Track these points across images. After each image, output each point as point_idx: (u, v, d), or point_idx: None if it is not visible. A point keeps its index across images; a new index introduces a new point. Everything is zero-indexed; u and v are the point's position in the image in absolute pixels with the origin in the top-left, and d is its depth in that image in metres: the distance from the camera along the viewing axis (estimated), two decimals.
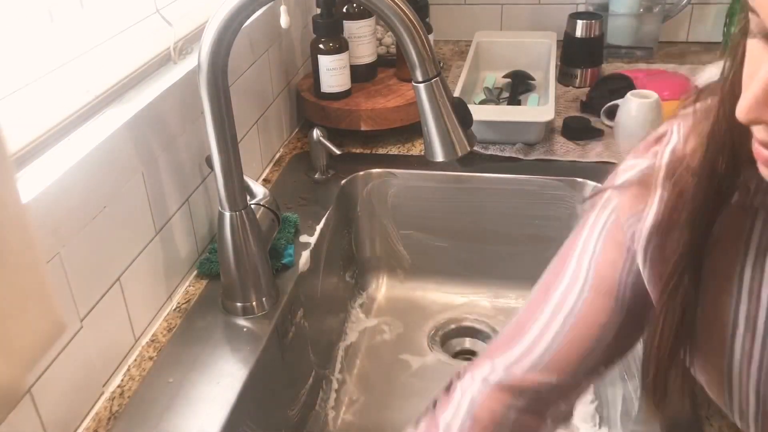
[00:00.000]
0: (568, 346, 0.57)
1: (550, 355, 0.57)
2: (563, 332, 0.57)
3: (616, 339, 0.57)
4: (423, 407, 1.02)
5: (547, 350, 0.57)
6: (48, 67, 0.70)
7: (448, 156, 0.71)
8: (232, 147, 0.76)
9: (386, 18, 0.65)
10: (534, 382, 0.58)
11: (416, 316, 1.17)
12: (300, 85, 1.27)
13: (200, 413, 0.71)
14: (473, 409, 0.60)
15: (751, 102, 0.37)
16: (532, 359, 0.58)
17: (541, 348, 0.58)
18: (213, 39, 0.69)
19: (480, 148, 1.16)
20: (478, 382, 0.61)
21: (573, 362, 0.57)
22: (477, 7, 1.61)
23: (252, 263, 0.82)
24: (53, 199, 0.64)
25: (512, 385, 0.59)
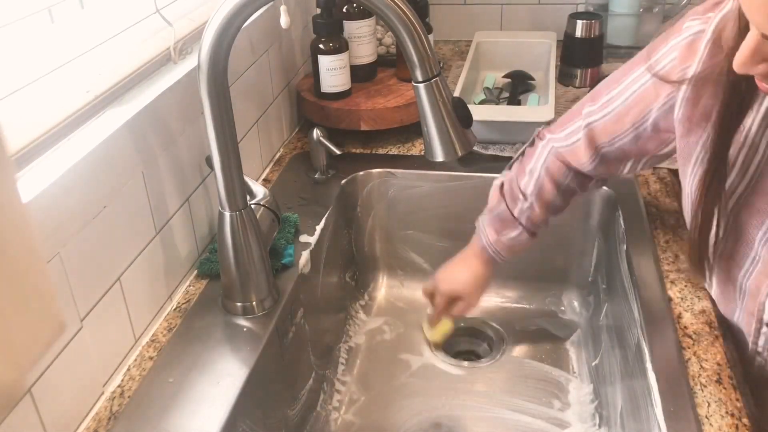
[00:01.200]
0: (609, 124, 0.81)
1: (599, 124, 0.82)
2: (609, 115, 0.81)
3: (634, 143, 0.81)
4: (423, 407, 1.02)
5: (599, 120, 0.82)
6: (48, 67, 0.70)
7: (448, 156, 0.71)
8: (232, 147, 0.76)
9: (386, 18, 0.65)
10: (576, 158, 0.87)
11: (416, 316, 1.17)
12: (300, 85, 1.27)
13: (200, 413, 0.71)
14: (547, 163, 0.90)
15: (741, 60, 0.54)
16: (589, 123, 0.84)
17: (597, 117, 0.83)
18: (213, 39, 0.69)
19: (480, 148, 1.16)
20: (550, 147, 0.90)
21: (605, 140, 0.83)
22: (477, 7, 1.61)
23: (252, 263, 0.82)
24: (53, 199, 0.64)
25: (567, 159, 0.88)
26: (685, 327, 0.80)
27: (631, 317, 0.85)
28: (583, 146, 0.85)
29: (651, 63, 0.75)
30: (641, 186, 1.06)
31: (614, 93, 0.80)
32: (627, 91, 0.79)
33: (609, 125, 0.81)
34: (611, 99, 0.81)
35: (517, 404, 1.00)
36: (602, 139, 0.83)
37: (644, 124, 0.78)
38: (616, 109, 0.80)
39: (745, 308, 0.74)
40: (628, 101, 0.79)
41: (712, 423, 0.68)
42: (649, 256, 0.91)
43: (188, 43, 0.92)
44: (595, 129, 0.83)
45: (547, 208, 0.92)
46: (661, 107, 0.75)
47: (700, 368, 0.74)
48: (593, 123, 0.83)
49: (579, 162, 0.87)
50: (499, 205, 0.93)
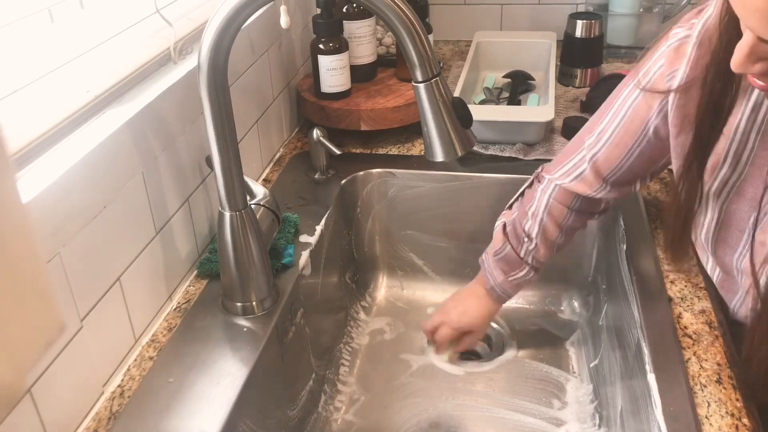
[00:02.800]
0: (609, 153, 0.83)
1: (600, 155, 0.84)
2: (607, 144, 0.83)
3: (641, 159, 0.82)
4: (423, 407, 1.02)
5: (600, 151, 0.84)
6: (48, 67, 0.70)
7: (448, 156, 0.71)
8: (232, 147, 0.76)
9: (386, 18, 0.65)
10: (585, 188, 0.88)
11: (416, 316, 1.17)
12: (300, 85, 1.27)
13: (200, 413, 0.71)
14: (549, 206, 0.92)
15: (738, 61, 0.56)
16: (592, 156, 0.85)
17: (597, 149, 0.84)
18: (213, 39, 0.69)
19: (480, 148, 1.16)
20: (551, 188, 0.91)
21: (611, 167, 0.84)
22: (477, 7, 1.61)
23: (252, 263, 0.82)
24: (53, 199, 0.64)
25: (573, 191, 0.90)
26: (685, 327, 0.80)
27: (631, 317, 0.85)
28: (591, 178, 0.86)
29: (639, 78, 0.77)
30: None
31: (607, 119, 0.82)
32: (620, 113, 0.80)
33: (611, 151, 0.83)
34: (606, 126, 0.82)
35: (517, 404, 1.00)
36: (608, 168, 0.84)
37: (645, 137, 0.79)
38: (614, 134, 0.82)
39: (743, 288, 0.76)
40: (624, 121, 0.80)
41: (712, 423, 0.68)
42: (649, 256, 0.91)
43: (188, 43, 0.92)
44: (598, 160, 0.84)
45: (552, 247, 0.95)
46: (657, 116, 0.77)
47: (700, 368, 0.74)
48: (596, 154, 0.84)
49: (587, 192, 0.88)
50: (505, 247, 0.96)
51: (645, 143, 0.80)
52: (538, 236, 0.93)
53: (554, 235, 0.94)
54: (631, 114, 0.79)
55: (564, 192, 0.90)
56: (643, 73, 0.76)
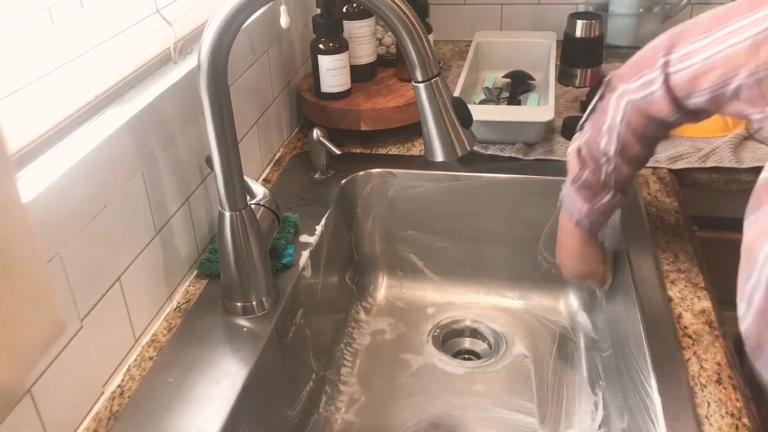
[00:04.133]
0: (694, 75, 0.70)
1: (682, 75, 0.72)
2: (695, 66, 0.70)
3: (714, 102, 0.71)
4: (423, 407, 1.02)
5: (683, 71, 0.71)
6: (48, 67, 0.70)
7: (448, 156, 0.71)
8: (232, 147, 0.76)
9: (386, 18, 0.65)
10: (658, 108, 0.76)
11: (416, 316, 1.17)
12: (300, 85, 1.27)
13: (200, 413, 0.71)
14: (626, 118, 0.80)
15: None
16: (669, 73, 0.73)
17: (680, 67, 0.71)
18: (213, 39, 0.69)
19: (480, 148, 1.16)
20: (625, 101, 0.79)
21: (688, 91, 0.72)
22: (477, 7, 1.61)
23: (252, 263, 0.82)
24: (53, 199, 0.64)
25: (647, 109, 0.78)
26: (685, 327, 0.80)
27: (631, 317, 0.85)
28: (663, 99, 0.75)
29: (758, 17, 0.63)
30: (641, 186, 1.06)
31: (699, 45, 0.69)
32: (715, 47, 0.67)
33: (685, 81, 0.72)
34: (695, 51, 0.69)
35: (517, 404, 1.00)
36: (681, 92, 0.73)
37: (724, 88, 0.68)
38: (695, 65, 0.70)
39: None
40: (713, 59, 0.68)
41: (712, 423, 0.68)
42: (649, 256, 0.91)
43: (188, 43, 0.92)
44: (672, 81, 0.73)
45: (634, 163, 0.85)
46: (749, 75, 0.65)
47: (700, 368, 0.74)
48: (671, 74, 0.73)
49: (661, 114, 0.77)
50: (583, 172, 0.86)
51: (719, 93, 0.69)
52: (618, 154, 0.82)
53: (636, 150, 0.82)
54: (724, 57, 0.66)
55: (640, 107, 0.79)
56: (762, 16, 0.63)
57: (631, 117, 0.80)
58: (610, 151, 0.83)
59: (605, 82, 0.83)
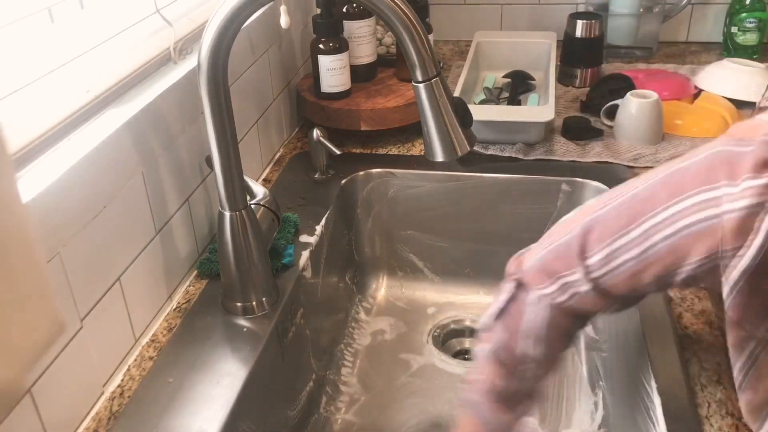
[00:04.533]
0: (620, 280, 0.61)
1: (607, 279, 0.62)
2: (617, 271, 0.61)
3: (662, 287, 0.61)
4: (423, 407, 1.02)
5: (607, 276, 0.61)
6: (48, 67, 0.70)
7: (448, 156, 0.71)
8: (232, 147, 0.76)
9: (386, 18, 0.65)
10: (588, 306, 0.66)
11: (416, 316, 1.17)
12: (300, 85, 1.27)
13: (200, 413, 0.71)
14: (550, 323, 0.68)
15: None
16: (594, 278, 0.62)
17: (603, 272, 0.61)
18: (213, 39, 0.69)
19: (480, 148, 1.16)
20: (544, 304, 0.67)
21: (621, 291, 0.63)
22: (477, 7, 1.61)
23: (252, 263, 0.82)
24: (53, 199, 0.64)
25: (574, 309, 0.67)
26: (685, 327, 0.80)
27: (631, 317, 0.85)
28: (595, 297, 0.64)
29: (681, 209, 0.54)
30: None
31: (622, 242, 0.59)
32: (645, 242, 0.57)
33: (622, 281, 0.61)
34: (619, 250, 0.59)
35: None
36: (620, 291, 0.63)
37: (672, 278, 0.58)
38: (628, 264, 0.59)
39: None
40: (649, 254, 0.57)
41: (712, 423, 0.68)
42: None
43: (188, 43, 0.92)
44: (603, 284, 0.62)
45: (556, 362, 0.73)
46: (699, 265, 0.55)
47: (700, 368, 0.74)
48: (599, 279, 0.62)
49: (596, 308, 0.67)
50: (499, 380, 0.72)
51: (667, 283, 0.59)
52: (541, 357, 0.70)
53: (560, 348, 0.72)
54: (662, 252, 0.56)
55: (564, 309, 0.67)
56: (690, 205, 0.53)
57: (556, 317, 0.68)
58: (531, 355, 0.70)
59: (513, 282, 0.70)
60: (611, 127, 1.20)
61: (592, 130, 1.19)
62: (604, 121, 1.22)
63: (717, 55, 1.49)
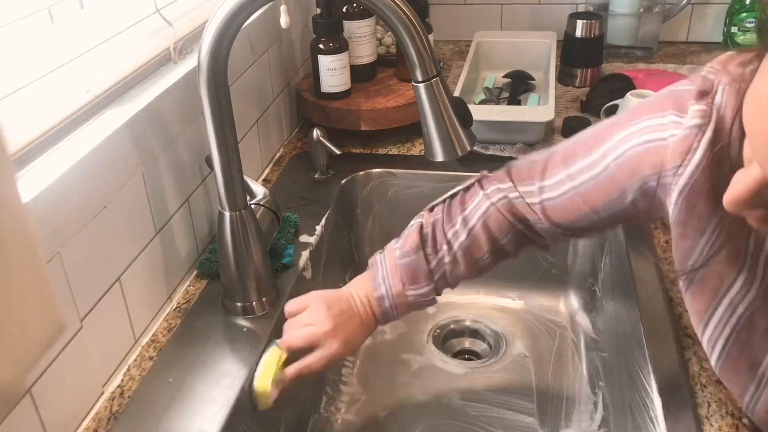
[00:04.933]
0: (569, 204, 0.69)
1: (556, 203, 0.71)
2: (569, 194, 0.69)
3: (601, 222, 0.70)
4: (423, 407, 1.02)
5: (556, 199, 0.70)
6: (48, 67, 0.70)
7: (448, 156, 0.71)
8: (232, 147, 0.76)
9: (386, 18, 0.65)
10: (535, 217, 0.73)
11: (416, 316, 1.17)
12: (300, 85, 1.27)
13: (200, 413, 0.71)
14: (487, 214, 0.75)
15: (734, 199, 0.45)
16: (543, 200, 0.72)
17: (553, 195, 0.71)
18: (213, 39, 0.69)
19: (480, 148, 1.16)
20: (497, 197, 0.75)
21: (567, 218, 0.71)
22: (477, 7, 1.61)
23: (252, 263, 0.82)
24: (53, 199, 0.64)
25: (520, 211, 0.74)
26: (685, 327, 0.80)
27: (632, 317, 0.85)
28: (541, 216, 0.73)
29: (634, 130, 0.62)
30: None
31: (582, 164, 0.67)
32: (599, 165, 0.66)
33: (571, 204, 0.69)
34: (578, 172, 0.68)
35: (518, 404, 1.00)
36: (562, 219, 0.71)
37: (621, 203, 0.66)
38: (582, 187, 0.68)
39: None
40: (601, 178, 0.66)
41: (712, 423, 0.68)
42: (649, 256, 0.91)
43: (188, 43, 0.92)
44: (551, 208, 0.71)
45: (471, 267, 0.77)
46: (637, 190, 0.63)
47: (700, 368, 0.74)
48: (552, 200, 0.70)
49: (530, 217, 0.74)
50: (416, 252, 0.76)
51: (619, 208, 0.66)
52: (462, 248, 0.76)
53: (481, 253, 0.76)
54: (614, 170, 0.64)
55: (512, 206, 0.75)
56: (642, 127, 0.62)
57: (492, 215, 0.75)
58: (454, 241, 0.76)
59: (479, 176, 0.78)
60: None
61: None
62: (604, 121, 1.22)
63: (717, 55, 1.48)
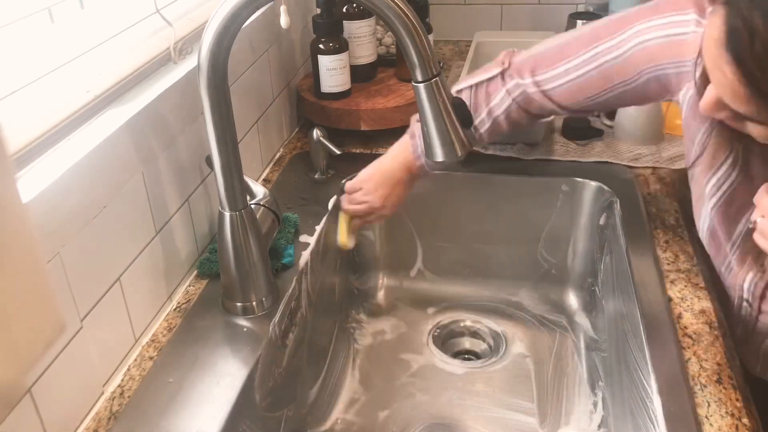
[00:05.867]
0: (587, 84, 0.82)
1: (572, 84, 0.83)
2: (586, 77, 0.82)
3: (607, 102, 0.84)
4: (423, 407, 1.02)
5: (576, 80, 0.83)
6: (48, 67, 0.70)
7: (448, 156, 0.71)
8: (232, 147, 0.76)
9: (386, 18, 0.65)
10: (549, 105, 0.87)
11: (417, 316, 1.17)
12: (300, 85, 1.27)
13: (200, 413, 0.71)
14: (509, 109, 0.91)
15: (704, 107, 0.61)
16: (561, 84, 0.85)
17: (573, 77, 0.83)
18: (213, 39, 0.69)
19: (480, 148, 1.16)
20: (517, 92, 0.89)
21: (579, 98, 0.84)
22: (477, 7, 1.61)
23: (252, 263, 0.82)
24: (53, 199, 0.64)
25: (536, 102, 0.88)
26: (685, 327, 0.80)
27: (631, 317, 0.85)
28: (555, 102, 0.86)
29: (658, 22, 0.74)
30: (641, 186, 1.06)
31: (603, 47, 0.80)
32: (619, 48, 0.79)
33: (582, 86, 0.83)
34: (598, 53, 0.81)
35: (517, 404, 1.00)
36: (572, 100, 0.85)
37: (636, 81, 0.79)
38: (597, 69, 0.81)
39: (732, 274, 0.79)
40: (620, 59, 0.78)
41: (712, 423, 0.68)
42: (649, 256, 0.91)
43: (188, 43, 0.92)
44: (563, 92, 0.85)
45: (491, 136, 0.95)
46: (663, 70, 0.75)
47: (700, 368, 0.74)
48: (563, 85, 0.84)
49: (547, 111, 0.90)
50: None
51: (630, 88, 0.79)
52: (486, 132, 0.92)
53: (501, 131, 0.93)
54: (635, 54, 0.77)
55: (529, 99, 0.89)
56: (666, 22, 0.74)
57: (513, 110, 0.90)
58: (480, 129, 0.92)
59: (500, 68, 0.90)
60: (611, 127, 1.20)
61: (592, 130, 1.19)
62: (604, 121, 1.22)
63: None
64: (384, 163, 1.00)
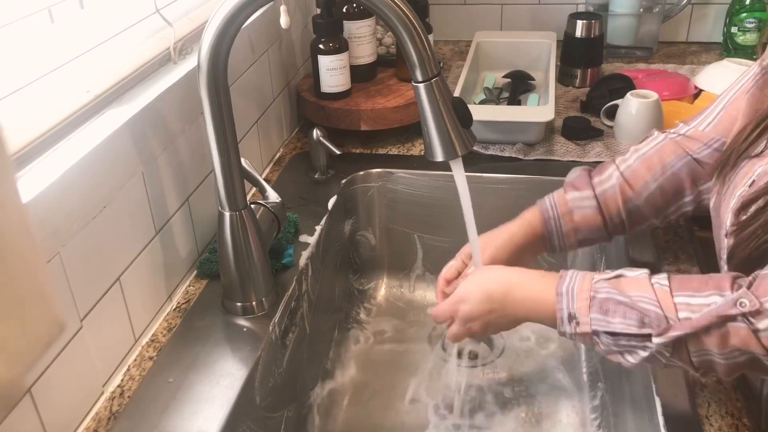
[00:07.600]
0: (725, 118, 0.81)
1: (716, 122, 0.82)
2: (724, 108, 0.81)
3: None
4: (423, 407, 1.02)
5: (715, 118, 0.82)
6: (48, 67, 0.70)
7: (448, 156, 0.71)
8: (232, 147, 0.76)
9: (386, 18, 0.65)
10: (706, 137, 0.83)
11: (417, 316, 1.17)
12: (300, 85, 1.27)
13: (200, 413, 0.71)
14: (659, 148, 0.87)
15: None
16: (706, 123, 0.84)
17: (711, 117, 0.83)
18: (213, 39, 0.69)
19: (480, 148, 1.16)
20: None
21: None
22: (477, 7, 1.61)
23: (252, 263, 0.82)
24: (53, 199, 0.64)
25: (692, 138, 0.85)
26: None
27: None
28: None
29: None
30: None
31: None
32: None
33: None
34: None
35: (518, 403, 1.00)
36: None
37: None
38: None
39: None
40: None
41: (712, 423, 0.68)
42: (649, 256, 0.91)
43: (188, 43, 0.92)
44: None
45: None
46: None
47: None
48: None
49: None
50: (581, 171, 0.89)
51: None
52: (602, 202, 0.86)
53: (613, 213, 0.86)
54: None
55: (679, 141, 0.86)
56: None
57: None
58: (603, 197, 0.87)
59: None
60: (611, 127, 1.20)
61: (592, 130, 1.19)
62: (604, 121, 1.22)
63: (717, 55, 1.49)
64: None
